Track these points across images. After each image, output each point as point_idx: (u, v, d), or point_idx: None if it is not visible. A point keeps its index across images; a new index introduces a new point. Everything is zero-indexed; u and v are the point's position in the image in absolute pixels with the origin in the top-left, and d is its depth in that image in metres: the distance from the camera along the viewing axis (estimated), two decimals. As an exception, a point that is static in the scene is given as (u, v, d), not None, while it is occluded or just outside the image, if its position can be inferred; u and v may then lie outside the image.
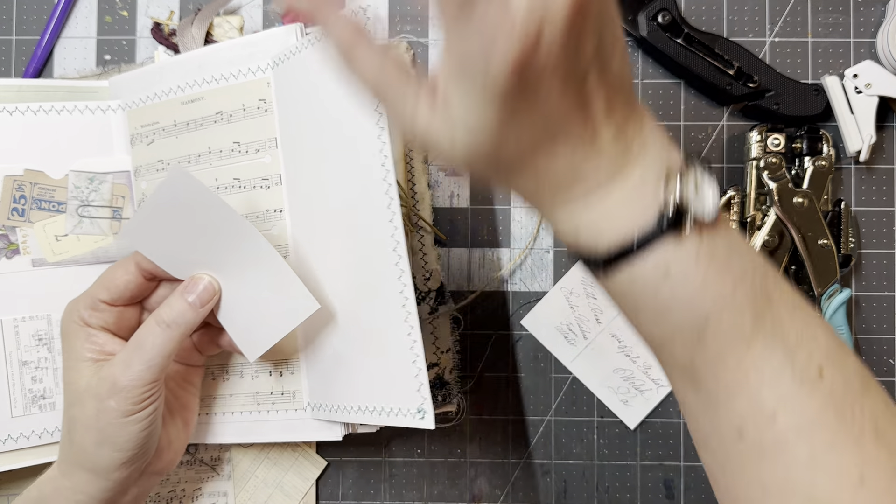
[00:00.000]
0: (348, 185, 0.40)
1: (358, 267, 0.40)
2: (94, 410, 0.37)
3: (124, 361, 0.38)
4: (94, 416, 0.37)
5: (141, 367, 0.37)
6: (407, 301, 0.38)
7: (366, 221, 0.39)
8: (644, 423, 0.51)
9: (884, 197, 0.51)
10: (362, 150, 0.39)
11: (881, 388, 0.28)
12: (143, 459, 0.39)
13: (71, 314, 0.40)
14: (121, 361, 0.38)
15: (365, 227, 0.39)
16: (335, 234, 0.41)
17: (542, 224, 0.51)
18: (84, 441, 0.38)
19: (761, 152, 0.49)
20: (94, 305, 0.40)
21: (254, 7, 0.52)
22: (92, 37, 0.52)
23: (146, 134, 0.47)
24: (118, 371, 0.37)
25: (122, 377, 0.37)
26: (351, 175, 0.40)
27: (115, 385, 0.37)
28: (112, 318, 0.40)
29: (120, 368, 0.37)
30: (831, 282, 0.48)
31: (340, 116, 0.40)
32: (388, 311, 0.38)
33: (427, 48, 0.52)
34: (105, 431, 0.37)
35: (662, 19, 0.49)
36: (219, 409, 0.47)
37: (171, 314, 0.39)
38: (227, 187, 0.45)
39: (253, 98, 0.45)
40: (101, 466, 0.38)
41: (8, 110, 0.46)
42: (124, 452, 0.38)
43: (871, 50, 0.51)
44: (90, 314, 0.40)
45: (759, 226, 0.49)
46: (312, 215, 0.43)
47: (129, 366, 0.37)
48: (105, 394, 0.37)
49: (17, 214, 0.46)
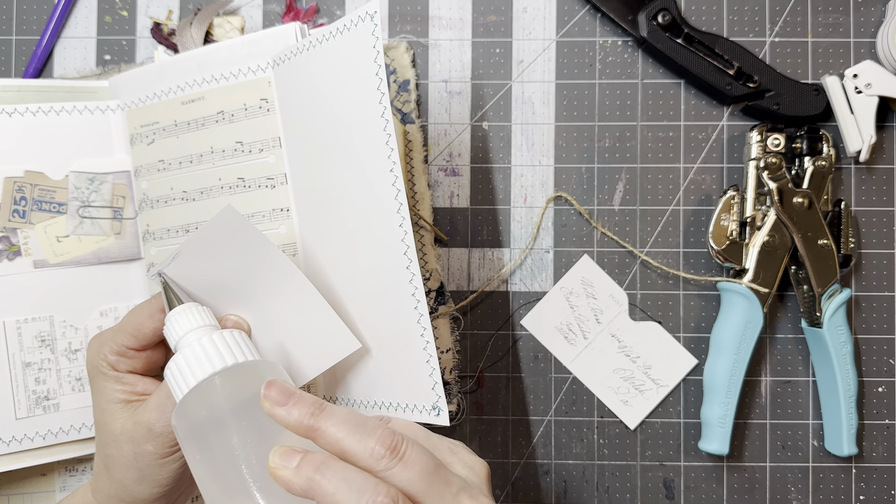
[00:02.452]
0: (356, 186, 0.40)
1: (370, 269, 0.40)
2: (131, 454, 0.37)
3: (158, 407, 0.37)
4: (133, 458, 0.37)
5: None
6: (419, 303, 0.38)
7: (376, 223, 0.39)
8: (644, 423, 0.51)
9: (884, 197, 0.51)
10: (369, 153, 0.39)
11: None
12: (179, 490, 0.40)
13: (97, 357, 0.39)
14: (155, 407, 0.37)
15: (375, 228, 0.39)
16: (345, 235, 0.41)
17: (541, 224, 0.51)
18: (125, 478, 0.38)
19: (761, 152, 0.49)
20: (122, 352, 0.39)
21: (254, 7, 0.52)
22: (92, 37, 0.52)
23: (146, 134, 0.47)
24: (153, 417, 0.37)
25: (157, 424, 0.37)
26: (358, 177, 0.40)
27: (150, 431, 0.37)
28: (140, 363, 0.40)
29: (155, 415, 0.37)
30: (831, 282, 0.48)
31: (346, 117, 0.40)
32: (401, 312, 0.39)
33: (427, 48, 0.52)
34: (144, 471, 0.37)
35: (662, 19, 0.49)
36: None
37: None
38: (231, 187, 0.46)
39: (254, 97, 0.45)
40: (140, 499, 0.38)
41: (7, 111, 0.46)
42: (163, 487, 0.38)
43: (871, 50, 0.51)
44: (117, 360, 0.39)
45: (759, 226, 0.49)
46: (320, 215, 0.43)
47: (163, 412, 0.37)
48: (141, 439, 0.37)
49: (18, 216, 0.46)
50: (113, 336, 0.39)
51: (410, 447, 0.30)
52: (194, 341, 0.34)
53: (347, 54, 0.39)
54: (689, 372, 0.51)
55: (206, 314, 0.37)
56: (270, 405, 0.31)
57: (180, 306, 0.37)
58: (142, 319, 0.39)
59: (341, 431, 0.30)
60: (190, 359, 0.34)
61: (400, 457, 0.29)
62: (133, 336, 0.39)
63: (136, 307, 0.40)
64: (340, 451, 0.30)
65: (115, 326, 0.40)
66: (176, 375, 0.34)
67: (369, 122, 0.38)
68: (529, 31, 0.52)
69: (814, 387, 0.51)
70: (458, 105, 0.52)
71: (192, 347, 0.34)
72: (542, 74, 0.52)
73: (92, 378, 0.40)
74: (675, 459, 0.51)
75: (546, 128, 0.52)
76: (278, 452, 0.30)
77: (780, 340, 0.51)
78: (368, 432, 0.30)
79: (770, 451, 0.51)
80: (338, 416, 0.31)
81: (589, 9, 0.52)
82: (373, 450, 0.29)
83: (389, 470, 0.29)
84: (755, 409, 0.51)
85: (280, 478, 0.29)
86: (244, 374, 0.34)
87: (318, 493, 0.28)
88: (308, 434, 0.30)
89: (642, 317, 0.51)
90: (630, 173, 0.51)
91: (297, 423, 0.31)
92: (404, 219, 0.38)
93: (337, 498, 0.28)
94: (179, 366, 0.34)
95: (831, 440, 0.49)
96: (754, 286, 0.48)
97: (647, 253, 0.51)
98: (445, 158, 0.52)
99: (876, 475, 0.50)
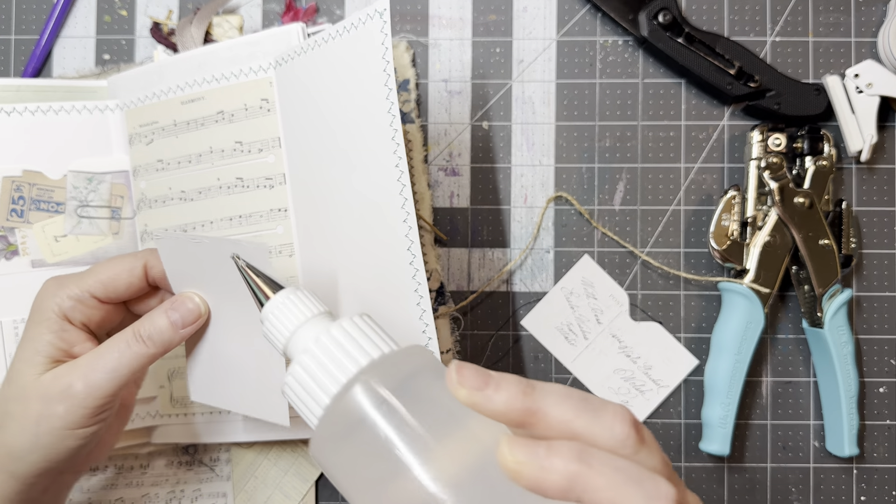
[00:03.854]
0: (360, 185, 0.40)
1: (372, 266, 0.40)
2: (35, 415, 0.33)
3: (87, 366, 0.34)
4: (34, 420, 0.33)
5: (102, 377, 0.34)
6: (421, 300, 0.38)
7: (379, 221, 0.39)
8: (645, 423, 0.51)
9: (885, 197, 0.51)
10: (374, 152, 0.39)
11: None
12: (71, 467, 0.36)
13: (50, 299, 0.36)
14: (84, 365, 0.34)
15: (378, 226, 0.39)
16: (346, 234, 0.41)
17: (541, 224, 0.51)
18: (15, 443, 0.34)
19: (762, 152, 0.49)
20: (83, 299, 0.36)
21: (253, 6, 0.52)
22: (91, 36, 0.52)
23: (145, 134, 0.47)
24: (77, 375, 0.34)
25: (79, 382, 0.34)
26: (362, 175, 0.40)
27: (68, 389, 0.33)
28: (97, 317, 0.37)
29: (80, 372, 0.34)
30: (832, 282, 0.48)
31: (350, 117, 0.40)
32: (403, 309, 0.39)
33: (427, 47, 0.52)
34: (41, 439, 0.33)
35: (663, 19, 0.49)
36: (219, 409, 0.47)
37: (149, 329, 0.36)
38: (229, 187, 0.45)
39: (255, 97, 0.45)
40: (23, 472, 0.34)
41: (6, 111, 0.46)
42: (50, 463, 0.34)
43: (872, 49, 0.51)
44: (74, 307, 0.35)
45: (759, 226, 0.49)
46: (319, 215, 0.43)
47: (91, 371, 0.34)
48: (55, 396, 0.33)
49: (16, 215, 0.46)
50: (78, 281, 0.36)
51: (644, 427, 0.24)
52: (322, 335, 0.27)
53: (355, 52, 0.39)
54: (690, 372, 0.51)
55: (314, 299, 0.30)
56: (468, 392, 0.24)
57: (282, 292, 0.30)
58: (118, 271, 0.36)
59: (568, 411, 0.23)
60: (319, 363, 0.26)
61: (643, 439, 0.23)
62: (104, 285, 0.36)
63: (114, 258, 0.37)
64: (571, 434, 0.23)
65: (82, 273, 0.37)
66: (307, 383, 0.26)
67: (376, 119, 0.38)
68: (530, 31, 0.52)
69: (815, 387, 0.51)
70: (458, 105, 0.52)
71: (321, 343, 0.27)
72: (543, 74, 0.52)
73: (32, 321, 0.36)
74: (675, 460, 0.51)
75: (546, 127, 0.51)
76: (514, 445, 0.23)
77: (781, 341, 0.51)
78: (599, 409, 0.24)
79: (771, 451, 0.50)
80: (557, 393, 0.24)
81: (589, 8, 0.52)
82: (614, 431, 0.23)
83: (636, 455, 0.23)
84: (756, 410, 0.51)
85: (527, 477, 0.22)
86: (393, 363, 0.27)
87: (588, 489, 0.22)
88: (523, 419, 0.24)
89: (643, 317, 0.51)
90: (631, 173, 0.51)
91: (506, 408, 0.24)
92: (409, 213, 0.37)
93: (613, 494, 0.21)
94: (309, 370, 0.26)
95: (832, 441, 0.49)
96: (755, 286, 0.48)
97: (647, 253, 0.51)
98: (445, 158, 0.51)
99: (877, 476, 0.50)
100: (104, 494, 0.50)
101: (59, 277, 0.37)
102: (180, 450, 0.51)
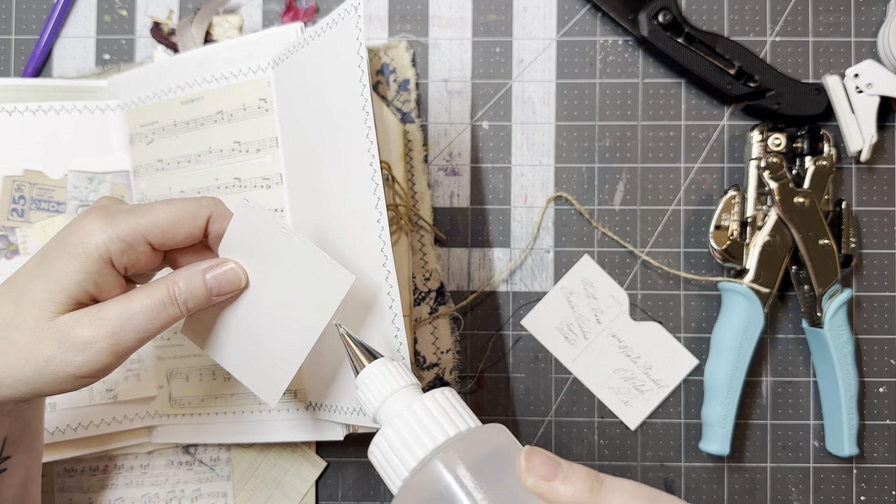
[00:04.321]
0: (342, 183, 0.40)
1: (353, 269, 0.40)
2: (48, 354, 0.30)
3: (117, 322, 0.31)
4: (44, 360, 0.31)
5: (132, 337, 0.32)
6: (394, 302, 0.37)
7: (359, 220, 0.39)
8: (644, 423, 0.51)
9: (885, 197, 0.51)
10: (351, 150, 0.38)
11: None
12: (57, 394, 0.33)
13: (95, 234, 0.31)
14: (113, 320, 0.31)
15: (355, 226, 0.39)
16: (334, 234, 0.41)
17: (541, 224, 0.51)
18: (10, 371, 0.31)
19: (762, 152, 0.49)
20: (135, 244, 0.32)
21: (253, 6, 0.52)
22: (91, 36, 0.52)
23: (145, 133, 0.47)
24: (105, 332, 0.31)
25: (106, 340, 0.31)
26: (344, 174, 0.40)
27: (93, 344, 0.30)
28: (142, 262, 0.33)
29: (108, 329, 0.31)
30: (832, 282, 0.48)
31: (333, 115, 0.40)
32: (376, 313, 0.38)
33: (427, 48, 0.52)
34: (43, 377, 0.31)
35: (663, 18, 0.49)
36: (219, 409, 0.47)
37: (186, 293, 0.33)
38: (227, 187, 0.45)
39: (253, 97, 0.45)
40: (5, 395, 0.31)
41: (7, 110, 0.46)
42: (42, 395, 0.32)
43: (871, 49, 0.51)
44: (123, 250, 0.32)
45: (759, 226, 0.49)
46: (313, 215, 0.43)
47: (121, 328, 0.31)
48: (75, 346, 0.30)
49: (17, 215, 0.46)
50: (132, 221, 0.32)
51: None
52: (404, 409, 0.29)
53: (335, 49, 0.39)
54: (690, 372, 0.51)
55: (404, 371, 0.32)
56: (536, 481, 0.25)
57: (376, 362, 0.32)
58: (180, 217, 0.33)
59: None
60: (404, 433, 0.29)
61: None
62: (162, 231, 0.32)
63: (172, 200, 0.33)
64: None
65: (134, 210, 0.33)
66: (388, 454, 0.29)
67: (353, 116, 0.38)
68: (530, 31, 0.52)
69: (815, 387, 0.51)
70: (458, 104, 0.52)
71: (404, 418, 0.29)
72: (543, 74, 0.52)
73: (63, 252, 0.31)
74: (675, 460, 0.51)
75: (546, 127, 0.51)
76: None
77: (781, 341, 0.51)
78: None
79: (771, 451, 0.50)
80: (625, 492, 0.25)
81: (589, 8, 0.52)
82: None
83: None
84: (756, 410, 0.51)
85: None
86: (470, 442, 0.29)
87: None
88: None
89: (643, 317, 0.51)
90: (630, 173, 0.51)
91: (571, 502, 0.25)
92: (381, 213, 0.37)
93: None
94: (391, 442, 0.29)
95: (832, 440, 0.49)
96: (755, 286, 0.48)
97: (647, 253, 0.51)
98: (445, 158, 0.51)
99: (877, 476, 0.50)
100: (104, 494, 0.50)
101: (107, 210, 0.32)
102: (180, 450, 0.51)
